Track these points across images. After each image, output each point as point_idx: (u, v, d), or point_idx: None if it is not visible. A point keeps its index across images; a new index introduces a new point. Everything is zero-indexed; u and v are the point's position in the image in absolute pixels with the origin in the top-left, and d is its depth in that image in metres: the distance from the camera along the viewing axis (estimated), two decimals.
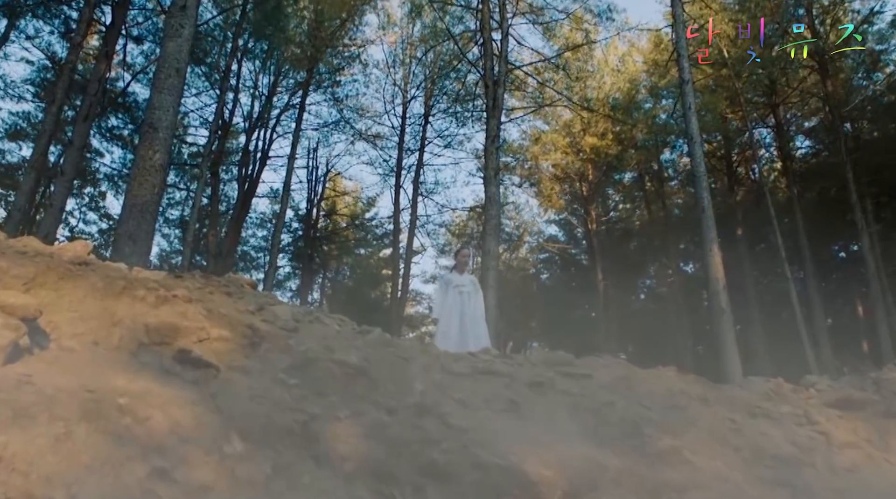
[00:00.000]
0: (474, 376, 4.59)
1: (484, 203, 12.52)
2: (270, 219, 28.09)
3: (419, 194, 20.05)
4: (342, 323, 4.80)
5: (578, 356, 7.11)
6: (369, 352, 4.18)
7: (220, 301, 3.97)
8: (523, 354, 5.40)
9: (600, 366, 5.38)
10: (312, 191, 24.26)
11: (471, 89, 18.29)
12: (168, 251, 26.40)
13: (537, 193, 24.02)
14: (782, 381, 5.93)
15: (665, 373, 5.69)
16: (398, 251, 19.00)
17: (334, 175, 25.91)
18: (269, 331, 3.79)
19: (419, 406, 3.74)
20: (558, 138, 21.66)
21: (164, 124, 6.88)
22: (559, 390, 4.71)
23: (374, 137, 21.82)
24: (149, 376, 3.00)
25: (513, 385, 4.64)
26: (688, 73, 11.49)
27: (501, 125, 13.44)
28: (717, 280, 9.88)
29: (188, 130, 22.09)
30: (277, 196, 24.96)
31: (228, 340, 3.51)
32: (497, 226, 12.18)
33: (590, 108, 17.96)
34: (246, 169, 20.26)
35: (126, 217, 6.49)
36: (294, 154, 17.14)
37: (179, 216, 23.82)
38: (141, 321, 3.31)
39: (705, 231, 10.35)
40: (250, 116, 20.74)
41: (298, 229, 27.29)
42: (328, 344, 3.92)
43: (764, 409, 5.22)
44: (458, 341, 7.04)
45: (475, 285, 7.77)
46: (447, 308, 7.44)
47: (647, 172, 23.57)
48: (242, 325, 3.73)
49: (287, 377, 3.58)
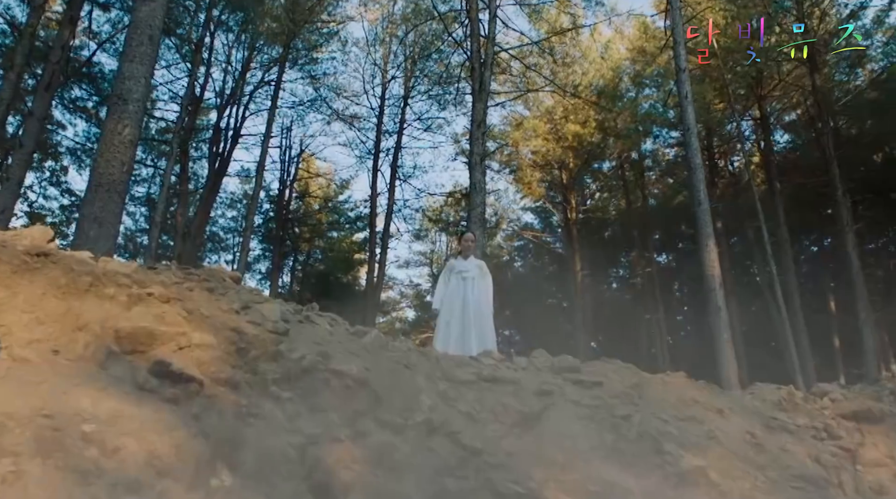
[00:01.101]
0: (479, 383, 4.20)
1: (468, 190, 12.09)
2: (241, 199, 27.31)
3: (397, 178, 19.55)
4: (334, 323, 4.36)
5: (552, 344, 6.79)
6: (368, 359, 3.75)
7: (201, 299, 3.50)
8: (527, 359, 5.02)
9: (609, 372, 5.03)
10: (285, 171, 23.58)
11: (454, 71, 17.81)
12: (133, 230, 25.49)
13: (517, 180, 23.65)
14: (793, 388, 5.65)
15: (674, 379, 5.37)
16: (374, 236, 18.49)
17: (308, 156, 25.23)
18: (258, 335, 3.34)
19: (428, 424, 3.33)
20: (539, 125, 21.29)
21: (134, 96, 6.29)
22: (569, 399, 4.34)
23: (351, 118, 21.21)
24: (120, 393, 2.53)
25: (520, 394, 4.26)
26: (684, 61, 11.15)
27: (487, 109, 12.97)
28: (713, 277, 9.61)
29: (157, 104, 21.18)
30: (249, 175, 24.23)
31: (212, 348, 3.05)
32: (482, 214, 11.78)
33: (576, 95, 17.60)
34: (217, 147, 19.50)
35: (91, 197, 5.91)
36: (270, 133, 16.48)
37: (146, 194, 22.96)
38: (111, 326, 2.83)
39: (701, 226, 10.05)
40: (222, 92, 19.96)
41: (270, 211, 26.57)
42: (323, 350, 3.48)
43: (780, 421, 4.92)
44: (459, 335, 6.53)
45: (481, 270, 7.09)
46: (448, 296, 6.86)
47: (628, 161, 23.35)
48: (227, 328, 3.27)
49: (279, 390, 3.14)
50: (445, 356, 4.66)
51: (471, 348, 6.19)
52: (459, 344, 6.36)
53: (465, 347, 6.26)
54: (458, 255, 7.51)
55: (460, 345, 6.35)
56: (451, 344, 6.35)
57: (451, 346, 6.31)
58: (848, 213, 14.70)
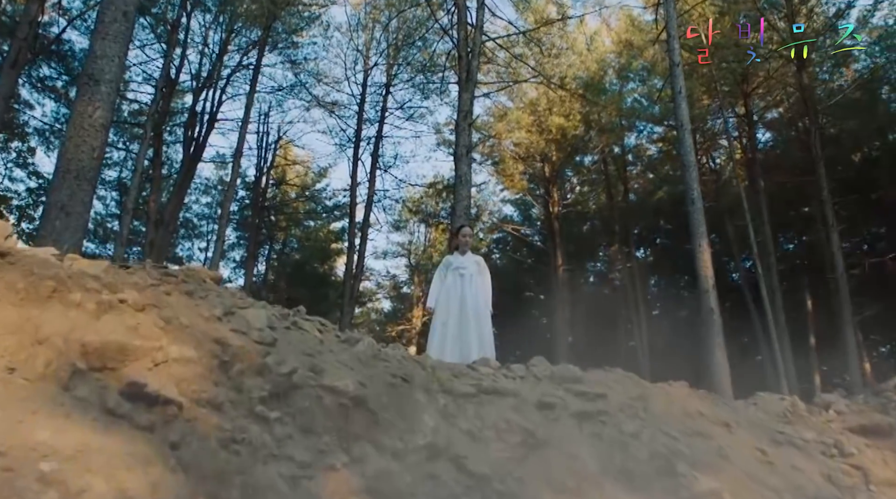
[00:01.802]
0: (479, 396, 3.91)
1: (453, 182, 11.76)
2: (216, 185, 26.71)
3: (377, 168, 19.14)
4: (323, 329, 4.03)
5: (529, 337, 6.50)
6: (363, 371, 3.44)
7: (179, 305, 3.15)
8: (525, 367, 4.74)
9: (611, 382, 4.78)
10: (262, 158, 23.00)
11: (438, 60, 17.42)
12: (104, 215, 24.78)
13: (499, 173, 23.35)
14: (797, 399, 5.46)
15: (676, 390, 5.14)
16: (354, 226, 18.08)
17: (286, 143, 24.68)
18: (242, 346, 3.01)
19: (431, 448, 3.03)
20: (523, 116, 21.01)
21: (106, 77, 5.84)
22: (573, 412, 4.08)
23: (331, 105, 20.70)
24: (86, 421, 2.20)
25: (522, 408, 3.98)
26: (678, 55, 10.92)
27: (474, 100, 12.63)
28: (706, 278, 9.41)
29: (129, 86, 20.46)
30: (225, 161, 23.66)
31: (193, 363, 2.72)
32: (468, 208, 11.47)
33: (563, 87, 17.32)
34: (192, 131, 18.90)
35: (59, 184, 5.48)
36: (248, 118, 15.96)
37: (117, 178, 22.25)
38: (76, 339, 2.48)
39: (695, 225, 9.85)
40: (199, 75, 19.33)
41: (245, 198, 25.99)
42: (314, 363, 3.16)
43: (787, 435, 4.72)
44: (456, 336, 6.09)
45: (479, 266, 6.65)
46: (444, 294, 6.39)
47: (610, 155, 23.19)
48: (209, 339, 2.93)
49: (267, 410, 2.81)
50: (441, 365, 4.37)
51: (470, 351, 5.86)
52: (457, 346, 6.00)
53: (464, 350, 5.93)
54: (454, 250, 7.03)
55: (458, 347, 5.99)
56: (447, 346, 6.00)
57: (447, 348, 5.97)
58: (833, 213, 14.64)
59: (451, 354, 5.82)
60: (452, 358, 5.70)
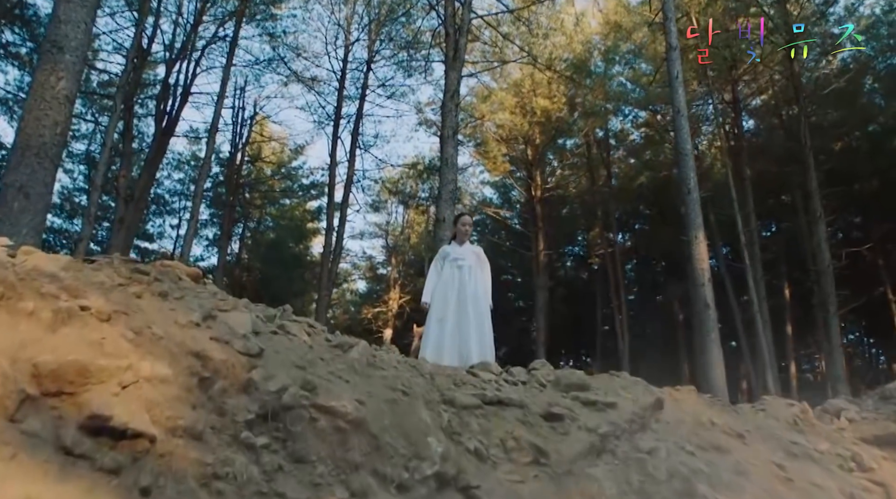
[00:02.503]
0: (483, 408, 3.58)
1: (439, 166, 11.36)
2: (189, 161, 25.94)
3: (357, 147, 18.61)
4: (312, 331, 3.65)
5: (503, 322, 6.13)
6: (360, 385, 3.07)
7: (151, 310, 2.75)
8: (527, 372, 4.42)
9: (619, 388, 4.48)
10: (237, 134, 22.30)
11: (422, 37, 16.88)
12: (71, 189, 23.92)
13: (481, 155, 22.94)
14: (807, 405, 5.22)
15: (684, 395, 4.86)
16: (333, 206, 17.57)
17: (262, 118, 23.96)
18: (226, 360, 2.62)
19: (439, 478, 2.68)
20: (507, 98, 20.59)
21: (71, 44, 5.31)
22: (583, 426, 3.76)
23: (311, 80, 20.05)
24: (36, 464, 1.81)
25: (529, 419, 3.66)
26: (675, 38, 10.58)
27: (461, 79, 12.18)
28: (701, 272, 9.11)
29: (99, 55, 19.60)
30: (198, 136, 22.93)
31: (167, 382, 2.33)
32: (454, 191, 11.07)
33: (551, 68, 16.90)
34: (165, 104, 18.16)
35: (17, 162, 4.96)
36: (223, 92, 15.32)
37: (85, 151, 21.40)
38: (27, 358, 2.08)
39: (691, 216, 9.55)
40: (172, 46, 18.55)
41: (219, 175, 25.28)
42: (307, 378, 2.79)
43: (802, 446, 4.46)
44: (454, 334, 5.61)
45: (479, 258, 6.15)
46: (441, 288, 5.90)
47: (593, 139, 22.91)
48: (187, 352, 2.54)
49: (253, 436, 2.44)
50: (440, 371, 4.02)
51: (469, 351, 5.46)
52: (455, 346, 5.54)
53: (463, 350, 5.52)
54: (451, 239, 6.50)
55: (456, 346, 5.54)
56: (445, 345, 5.55)
57: (445, 347, 5.53)
58: (820, 203, 14.52)
59: (448, 355, 5.45)
60: (451, 359, 5.34)
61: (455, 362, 5.27)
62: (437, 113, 21.93)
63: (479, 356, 5.35)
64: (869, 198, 20.95)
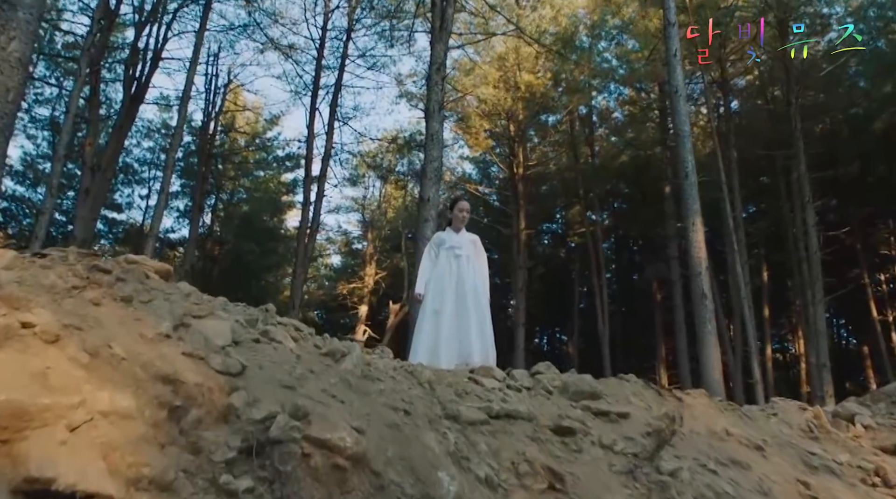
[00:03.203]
0: (490, 423, 3.22)
1: (424, 142, 10.89)
2: (159, 129, 25.04)
3: (335, 119, 17.96)
4: (298, 336, 3.23)
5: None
6: (357, 405, 2.68)
7: (112, 321, 2.32)
8: (531, 376, 4.07)
9: (630, 395, 4.16)
10: (210, 102, 21.49)
11: (404, 5, 16.23)
12: (34, 156, 22.96)
13: (463, 130, 22.42)
14: (820, 410, 4.95)
15: (696, 401, 4.55)
16: (310, 180, 16.99)
17: (236, 87, 23.11)
18: (200, 382, 2.21)
19: None
20: (491, 71, 20.05)
21: (25, 0, 4.75)
22: (597, 441, 3.43)
23: (288, 48, 19.28)
24: None
25: (539, 435, 3.32)
26: (674, 14, 10.18)
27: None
28: (699, 260, 8.80)
29: (63, 15, 18.62)
30: (169, 104, 22.09)
31: (130, 418, 1.92)
32: (438, 169, 10.62)
33: (539, 42, 16.39)
34: (134, 69, 17.33)
35: None
36: (196, 58, 14.59)
37: (49, 117, 20.46)
38: None
39: (688, 201, 9.21)
40: (142, 8, 17.65)
41: (191, 144, 24.45)
42: (297, 402, 2.38)
43: (821, 458, 4.19)
44: (452, 329, 5.16)
45: (476, 247, 5.69)
46: (438, 278, 5.43)
47: (577, 116, 22.53)
48: (155, 375, 2.13)
49: (235, 479, 2.03)
50: (439, 377, 3.64)
51: (471, 349, 5.02)
52: (454, 343, 5.09)
53: (464, 348, 5.09)
54: (447, 225, 5.92)
55: (455, 344, 5.07)
56: (442, 342, 5.07)
57: (442, 344, 5.07)
58: (809, 187, 14.32)
59: (446, 352, 5.02)
60: (448, 356, 4.94)
61: (454, 360, 4.89)
62: (419, 86, 21.37)
63: (481, 355, 4.97)
64: (847, 182, 20.93)
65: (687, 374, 18.09)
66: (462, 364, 4.81)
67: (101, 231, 25.00)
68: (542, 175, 25.82)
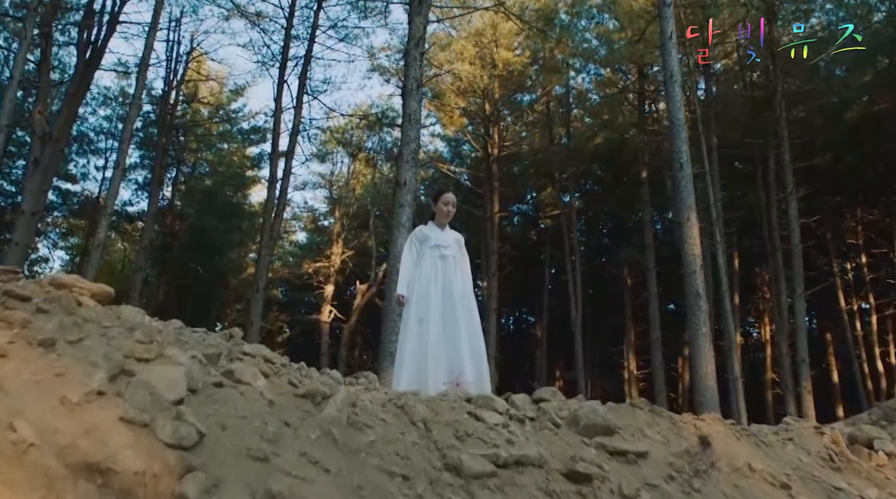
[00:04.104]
0: (498, 475, 2.73)
1: (401, 121, 10.25)
2: (117, 96, 23.79)
3: (305, 93, 17.11)
4: (270, 371, 2.67)
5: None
6: (345, 473, 2.14)
7: (22, 378, 1.76)
8: (534, 404, 3.59)
9: (645, 427, 3.70)
10: (171, 70, 20.38)
11: None
12: None
13: (437, 107, 21.71)
14: (837, 434, 4.58)
15: (711, 428, 4.12)
16: (277, 156, 16.19)
17: (199, 55, 21.97)
18: (143, 468, 1.66)
19: None
20: (467, 47, 19.37)
21: None
22: (616, 490, 2.97)
23: (255, 16, 18.30)
24: None
25: (553, 486, 2.83)
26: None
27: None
28: (693, 258, 8.30)
29: None
30: (128, 71, 20.93)
31: None
32: (416, 151, 10.01)
33: (522, 18, 15.77)
34: (88, 33, 16.24)
35: None
36: (156, 23, 13.61)
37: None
38: None
39: (682, 195, 8.69)
40: None
41: (150, 113, 23.30)
42: (270, 487, 1.84)
43: (847, 492, 3.82)
44: (439, 339, 4.56)
45: (461, 247, 5.11)
46: (422, 280, 4.81)
47: (552, 96, 22.00)
48: (76, 466, 1.57)
49: None
50: (434, 409, 3.12)
51: (462, 364, 4.42)
52: (441, 355, 4.51)
53: (454, 362, 4.43)
54: (430, 219, 5.24)
55: (443, 357, 4.51)
56: (429, 353, 4.48)
57: (429, 356, 4.44)
58: (792, 178, 14.05)
59: (434, 368, 4.43)
60: (437, 373, 4.38)
61: (443, 375, 4.36)
62: (392, 60, 20.60)
63: (474, 371, 4.44)
64: (819, 171, 20.87)
65: (659, 364, 17.97)
66: (453, 381, 4.30)
67: (55, 203, 23.81)
68: (515, 155, 25.34)
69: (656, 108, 21.36)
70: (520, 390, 3.65)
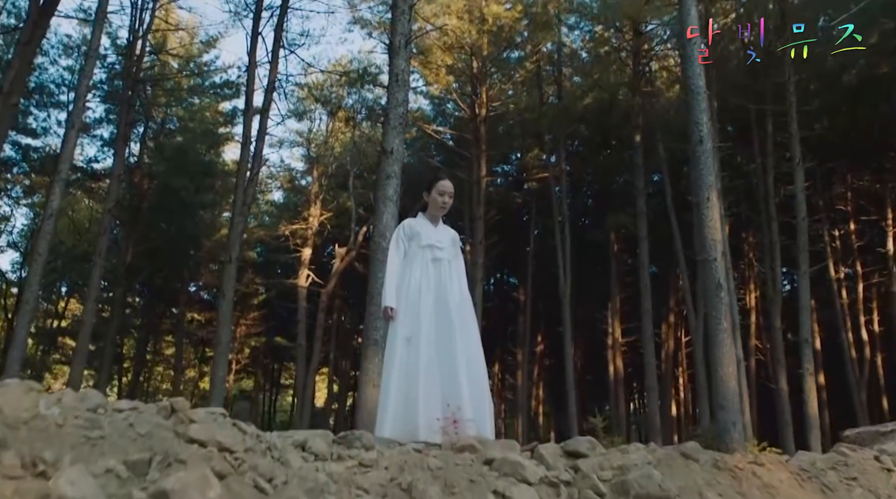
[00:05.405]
0: None
1: (388, 82, 9.28)
2: (79, 45, 22.23)
3: (281, 47, 15.92)
4: (229, 465, 1.89)
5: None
6: None
7: None
8: (572, 463, 2.86)
9: (703, 486, 2.99)
10: (137, 19, 18.96)
11: None
12: None
13: (423, 64, 20.53)
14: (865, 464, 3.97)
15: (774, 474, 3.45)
16: (251, 115, 15.07)
17: (167, 2, 20.50)
18: None
19: None
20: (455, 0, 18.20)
21: None
22: None
23: None
24: None
25: None
26: None
27: None
28: (713, 243, 7.43)
29: None
30: (89, 18, 19.42)
31: None
32: (404, 115, 9.06)
33: None
34: None
35: None
36: None
37: None
38: None
39: (703, 172, 7.77)
40: None
41: (116, 64, 21.86)
42: None
43: None
44: (433, 368, 3.66)
45: (456, 246, 4.23)
46: (411, 289, 3.90)
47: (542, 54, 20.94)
48: None
49: None
50: (448, 491, 2.37)
51: (460, 398, 3.50)
52: (434, 386, 3.62)
53: (450, 395, 3.47)
54: (422, 211, 4.28)
55: (436, 388, 3.62)
56: (420, 382, 3.53)
57: (420, 385, 3.58)
58: (799, 147, 13.31)
59: (426, 403, 3.51)
60: (430, 410, 3.51)
61: (437, 411, 3.55)
62: (375, 12, 19.39)
63: (473, 407, 3.57)
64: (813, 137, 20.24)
65: (650, 336, 17.49)
66: (449, 417, 3.51)
67: (13, 159, 22.43)
68: (502, 116, 24.35)
69: (650, 68, 20.45)
70: (502, 357, 2.99)
